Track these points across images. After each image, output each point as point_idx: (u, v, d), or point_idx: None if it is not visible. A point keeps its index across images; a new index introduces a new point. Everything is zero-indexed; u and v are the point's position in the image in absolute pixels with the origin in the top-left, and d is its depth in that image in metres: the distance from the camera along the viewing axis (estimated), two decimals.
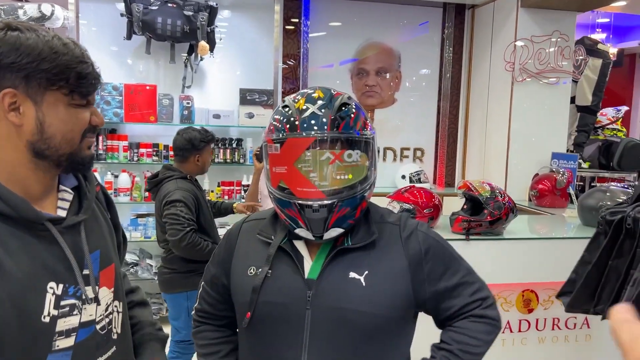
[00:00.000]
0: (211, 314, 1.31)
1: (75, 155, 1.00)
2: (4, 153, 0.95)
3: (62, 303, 0.96)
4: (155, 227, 3.15)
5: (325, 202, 1.10)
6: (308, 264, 1.17)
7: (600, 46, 4.56)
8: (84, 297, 0.99)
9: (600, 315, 1.51)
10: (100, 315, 1.05)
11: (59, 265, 0.97)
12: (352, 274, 1.15)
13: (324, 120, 1.10)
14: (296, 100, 1.15)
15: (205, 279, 1.32)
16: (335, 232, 1.14)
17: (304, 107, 1.12)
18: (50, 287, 0.95)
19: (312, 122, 1.10)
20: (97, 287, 1.03)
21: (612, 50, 4.97)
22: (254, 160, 3.31)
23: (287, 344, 1.15)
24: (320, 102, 1.13)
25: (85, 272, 1.01)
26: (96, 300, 1.03)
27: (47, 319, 0.94)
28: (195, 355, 2.81)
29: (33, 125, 0.94)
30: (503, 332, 2.66)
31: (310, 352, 1.13)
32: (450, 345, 1.19)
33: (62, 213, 1.01)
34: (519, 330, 2.69)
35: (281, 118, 1.14)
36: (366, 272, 1.15)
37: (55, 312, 0.95)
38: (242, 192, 4.33)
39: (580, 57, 4.29)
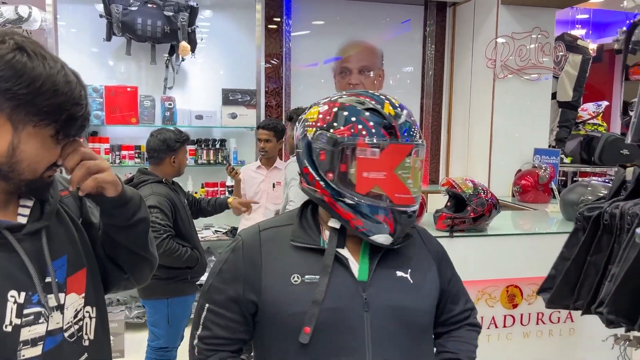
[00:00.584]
0: (226, 338, 1.17)
1: (35, 182, 0.98)
2: None
3: (26, 311, 0.95)
4: None
5: (416, 207, 1.14)
6: (355, 265, 1.16)
7: (580, 42, 4.61)
8: (48, 305, 0.98)
9: (580, 310, 1.52)
10: (68, 323, 1.03)
11: (20, 274, 0.95)
12: (400, 273, 1.17)
13: (417, 127, 1.16)
14: (380, 103, 1.12)
15: (214, 301, 1.17)
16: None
17: (395, 113, 1.12)
18: (12, 296, 0.94)
19: (409, 129, 1.12)
20: (61, 294, 1.01)
21: (592, 46, 5.03)
22: (234, 176, 3.38)
23: (351, 351, 1.10)
24: (405, 110, 1.15)
25: (48, 279, 0.99)
26: (60, 307, 1.00)
27: (9, 328, 0.93)
28: None
29: (5, 149, 0.93)
30: (488, 328, 2.68)
31: (374, 354, 1.10)
32: (457, 354, 1.28)
33: (23, 220, 0.99)
34: (504, 326, 2.70)
35: (372, 122, 1.10)
36: (410, 270, 1.18)
37: (18, 321, 0.94)
38: (227, 192, 4.31)
39: (561, 53, 4.34)
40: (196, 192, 4.25)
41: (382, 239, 1.12)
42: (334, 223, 1.16)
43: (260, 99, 4.30)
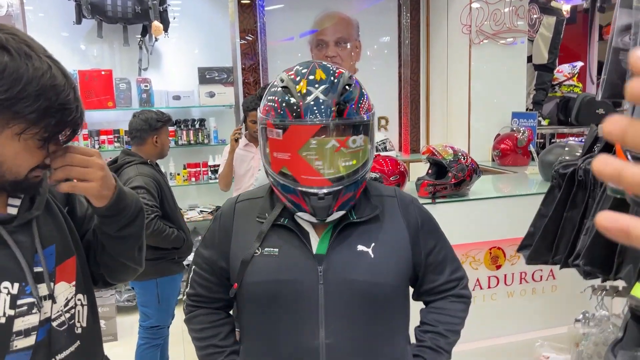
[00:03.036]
0: (206, 297, 1.27)
1: (21, 183, 0.96)
2: None
3: (19, 302, 0.95)
4: None
5: (331, 189, 1.10)
6: (315, 240, 1.18)
7: (553, 4, 4.62)
8: (40, 295, 0.98)
9: (558, 265, 1.57)
10: (58, 312, 1.02)
11: (12, 265, 0.95)
12: (360, 247, 1.17)
13: (329, 106, 1.07)
14: (297, 82, 1.10)
15: (197, 263, 1.28)
16: (338, 214, 1.15)
17: (306, 91, 1.08)
18: (5, 287, 0.94)
19: (316, 108, 1.06)
20: (52, 284, 1.01)
21: (565, 7, 5.04)
22: (232, 142, 3.23)
23: (303, 321, 1.14)
24: (323, 86, 1.08)
25: (38, 269, 0.99)
26: (51, 297, 1.00)
27: (3, 319, 0.93)
28: (163, 341, 2.83)
29: None
30: (473, 290, 2.74)
31: (327, 326, 1.13)
32: (436, 327, 1.27)
33: (13, 211, 0.98)
34: (489, 287, 2.77)
35: (281, 101, 1.09)
36: (373, 244, 1.18)
37: (11, 312, 0.94)
38: (209, 172, 4.30)
39: (535, 16, 4.35)
40: (178, 174, 4.23)
41: (307, 216, 1.14)
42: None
43: (237, 76, 4.27)
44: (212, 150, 4.34)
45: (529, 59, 4.59)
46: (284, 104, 1.08)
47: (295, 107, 1.07)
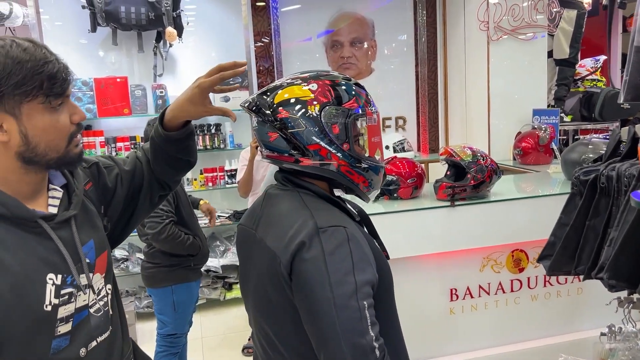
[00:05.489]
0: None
1: (64, 158, 1.06)
2: None
3: (62, 292, 1.05)
4: None
5: None
6: None
7: None
8: (79, 285, 1.08)
9: (582, 275, 1.50)
10: (93, 300, 1.13)
11: (56, 258, 1.05)
12: None
13: None
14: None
15: (368, 295, 1.06)
16: None
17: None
18: (50, 278, 1.03)
19: None
20: (91, 275, 1.12)
21: (587, 0, 4.91)
22: (252, 148, 3.21)
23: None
24: None
25: (80, 262, 1.09)
26: (90, 286, 1.11)
27: (49, 308, 1.02)
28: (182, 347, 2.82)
29: (18, 138, 1.00)
30: (495, 294, 2.67)
31: None
32: None
33: (53, 210, 1.09)
34: (511, 290, 2.70)
35: (366, 93, 1.23)
36: None
37: (56, 301, 1.04)
38: (226, 177, 4.29)
39: (555, 10, 4.23)
40: (195, 179, 4.23)
41: (373, 195, 1.27)
42: (338, 192, 1.27)
43: (252, 79, 4.24)
44: (228, 154, 4.33)
45: (550, 54, 4.48)
46: (368, 95, 1.23)
47: (371, 98, 1.25)
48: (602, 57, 4.86)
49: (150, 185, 1.32)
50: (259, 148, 1.27)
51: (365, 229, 1.27)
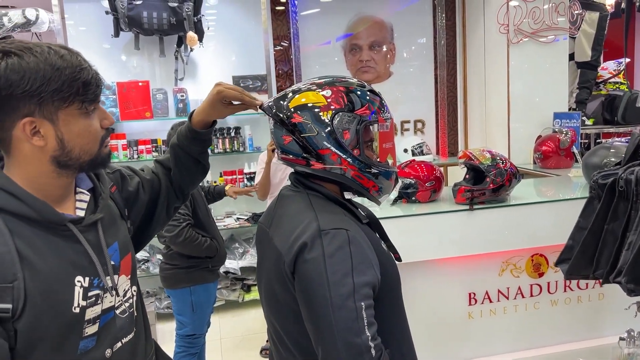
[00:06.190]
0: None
1: (96, 159, 1.10)
2: (29, 167, 1.04)
3: (89, 294, 1.07)
4: None
5: None
6: None
7: None
8: (106, 287, 1.10)
9: (600, 279, 1.49)
10: (119, 301, 1.15)
11: (83, 261, 1.07)
12: None
13: None
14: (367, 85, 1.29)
15: (367, 296, 1.08)
16: None
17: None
18: (78, 281, 1.05)
19: None
20: (116, 277, 1.14)
21: (609, 2, 4.85)
22: (269, 152, 3.26)
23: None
24: None
25: (105, 264, 1.11)
26: (115, 288, 1.13)
27: (77, 309, 1.04)
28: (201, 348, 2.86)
29: (54, 143, 1.02)
30: (515, 299, 2.65)
31: None
32: None
33: (81, 213, 1.11)
34: (531, 295, 2.68)
35: (380, 99, 1.26)
36: None
37: (84, 303, 1.06)
38: (245, 180, 4.33)
39: (576, 12, 4.19)
40: (215, 182, 4.28)
41: (383, 199, 1.30)
42: (349, 195, 1.30)
43: (271, 83, 4.27)
44: (247, 157, 4.37)
45: (571, 56, 4.43)
46: (382, 102, 1.26)
47: (384, 103, 1.27)
48: (625, 60, 4.79)
49: (167, 195, 1.37)
50: (275, 150, 1.31)
51: (376, 233, 1.30)
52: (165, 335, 3.78)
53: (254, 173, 4.05)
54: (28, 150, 1.02)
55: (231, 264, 4.22)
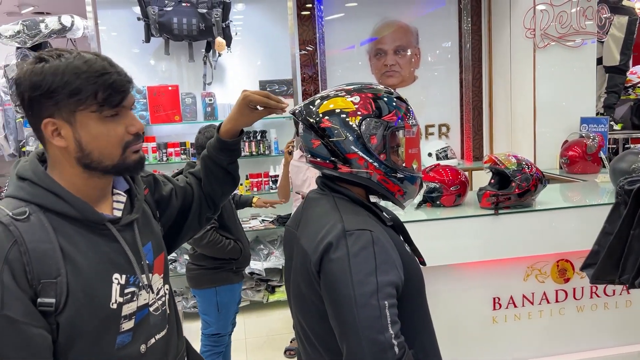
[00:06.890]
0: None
1: (121, 165, 1.11)
2: (62, 168, 1.09)
3: (126, 291, 1.12)
4: None
5: None
6: None
7: (625, 2, 4.41)
8: (141, 284, 1.15)
9: (626, 284, 1.49)
10: (153, 299, 1.19)
11: (120, 259, 1.12)
12: None
13: None
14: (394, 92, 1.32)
15: (390, 295, 1.11)
16: None
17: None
18: (115, 278, 1.10)
19: None
20: (150, 275, 1.18)
21: (639, 5, 4.78)
22: (286, 154, 3.33)
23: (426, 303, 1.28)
24: None
25: (141, 262, 1.16)
26: (149, 286, 1.18)
27: (115, 306, 1.09)
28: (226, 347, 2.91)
29: (74, 144, 1.06)
30: (540, 304, 2.65)
31: None
32: None
33: (118, 213, 1.16)
34: (556, 301, 2.67)
35: (407, 106, 1.30)
36: None
37: (120, 299, 1.10)
38: (270, 182, 4.39)
39: (605, 16, 4.15)
40: (241, 184, 4.35)
41: (407, 203, 1.34)
42: (374, 199, 1.32)
43: (297, 87, 4.33)
44: (273, 160, 4.43)
45: (599, 60, 4.39)
46: (408, 109, 1.29)
47: (411, 110, 1.30)
48: None
49: (200, 203, 1.40)
50: (293, 153, 1.36)
51: (401, 236, 1.33)
52: (192, 334, 3.85)
53: (279, 176, 4.10)
54: (57, 151, 1.07)
55: (256, 265, 4.28)
